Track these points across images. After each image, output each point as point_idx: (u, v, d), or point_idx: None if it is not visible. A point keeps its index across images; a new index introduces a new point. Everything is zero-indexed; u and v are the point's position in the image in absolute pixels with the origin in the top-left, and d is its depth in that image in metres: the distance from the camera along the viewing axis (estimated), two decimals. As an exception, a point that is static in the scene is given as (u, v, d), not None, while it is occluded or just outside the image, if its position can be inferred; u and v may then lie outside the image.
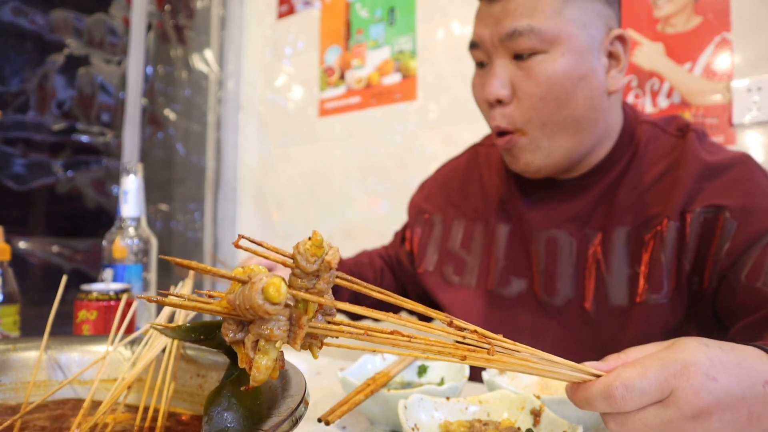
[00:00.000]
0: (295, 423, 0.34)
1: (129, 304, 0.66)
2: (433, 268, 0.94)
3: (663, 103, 1.34)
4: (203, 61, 2.23)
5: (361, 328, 0.33)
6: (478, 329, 0.37)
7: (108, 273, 0.95)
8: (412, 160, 1.75)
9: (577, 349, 0.75)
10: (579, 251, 0.80)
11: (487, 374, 0.64)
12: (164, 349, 0.53)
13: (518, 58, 0.74)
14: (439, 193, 1.00)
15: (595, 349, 0.69)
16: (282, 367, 0.33)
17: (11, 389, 0.53)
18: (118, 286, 0.76)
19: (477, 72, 0.81)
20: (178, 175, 2.18)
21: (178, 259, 0.30)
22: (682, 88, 1.31)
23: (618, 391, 0.38)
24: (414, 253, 0.99)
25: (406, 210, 1.06)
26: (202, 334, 0.39)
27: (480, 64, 0.80)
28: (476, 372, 0.69)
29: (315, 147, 2.00)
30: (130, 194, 0.98)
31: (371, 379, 0.60)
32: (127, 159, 1.86)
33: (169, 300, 0.30)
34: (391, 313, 0.34)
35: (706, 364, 0.40)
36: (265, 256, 0.31)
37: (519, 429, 0.52)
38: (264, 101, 2.18)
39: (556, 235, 0.82)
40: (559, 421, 0.50)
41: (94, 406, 0.50)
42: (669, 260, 0.72)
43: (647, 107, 1.36)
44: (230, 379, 0.38)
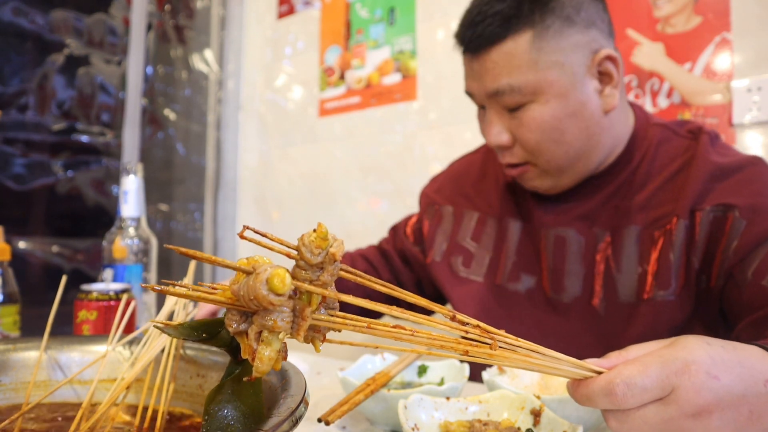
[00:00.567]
0: (295, 423, 0.34)
1: (129, 304, 0.66)
2: (440, 258, 0.95)
3: (663, 103, 1.34)
4: (203, 61, 2.23)
5: (363, 321, 0.33)
6: (481, 324, 0.36)
7: (108, 273, 0.95)
8: (412, 160, 1.75)
9: (584, 346, 0.76)
10: (588, 250, 0.81)
11: (487, 374, 0.64)
12: (164, 349, 0.53)
13: (509, 109, 0.77)
14: (452, 186, 1.01)
15: (601, 346, 0.69)
16: (285, 359, 0.32)
17: (11, 389, 0.53)
18: (118, 286, 0.76)
19: (479, 113, 0.85)
20: (178, 175, 2.18)
21: (183, 249, 0.30)
22: (682, 88, 1.31)
23: (619, 388, 0.38)
24: (424, 243, 0.99)
25: (407, 210, 1.06)
26: (204, 332, 0.39)
27: (480, 107, 0.84)
28: (476, 372, 0.69)
29: (315, 147, 2.00)
30: (130, 194, 0.98)
31: (371, 379, 0.60)
32: (127, 159, 1.86)
33: (173, 290, 0.30)
34: (394, 307, 0.34)
35: (707, 363, 0.40)
36: (270, 248, 0.31)
37: (519, 429, 0.51)
38: (264, 101, 2.18)
39: (565, 233, 0.83)
40: (559, 421, 0.50)
41: (94, 406, 0.50)
42: (678, 258, 0.73)
43: (647, 107, 1.36)
44: (231, 377, 0.38)
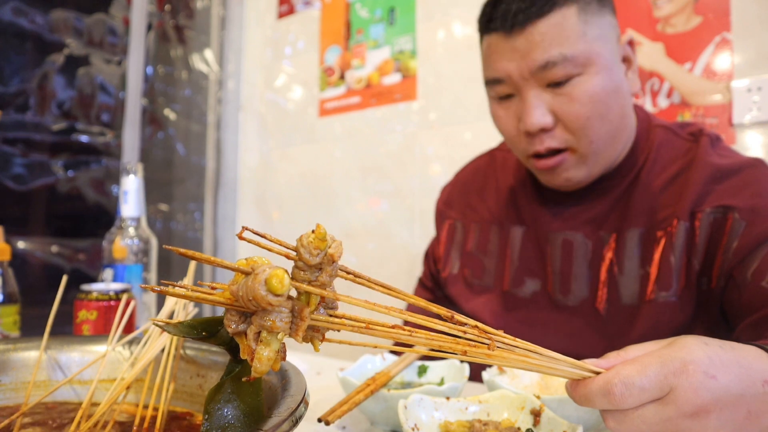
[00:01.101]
0: (295, 423, 0.34)
1: (129, 304, 0.66)
2: (456, 272, 0.96)
3: (663, 103, 1.34)
4: (203, 61, 2.23)
5: (362, 321, 0.33)
6: (479, 325, 0.37)
7: (108, 273, 0.95)
8: (412, 160, 1.75)
9: (587, 347, 0.76)
10: (594, 253, 0.81)
11: (487, 374, 0.64)
12: (164, 349, 0.53)
13: (553, 85, 0.74)
14: (460, 197, 1.01)
15: (604, 347, 0.69)
16: (284, 359, 0.32)
17: (11, 389, 0.53)
18: (118, 286, 0.76)
19: (500, 104, 0.80)
20: (178, 175, 2.18)
21: (182, 250, 0.30)
22: (682, 88, 1.31)
23: (617, 389, 0.38)
24: (440, 259, 1.00)
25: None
26: (204, 331, 0.39)
27: (503, 97, 0.80)
28: (476, 372, 0.69)
29: (315, 147, 1.99)
30: (130, 194, 0.98)
31: (371, 379, 0.60)
32: (127, 159, 1.86)
33: (172, 290, 0.30)
34: (392, 307, 0.34)
35: (705, 363, 0.40)
36: (269, 249, 0.31)
37: (519, 429, 0.51)
38: (264, 101, 2.18)
39: (572, 237, 0.83)
40: (559, 421, 0.50)
41: (94, 406, 0.50)
42: (678, 259, 0.74)
43: (647, 107, 1.36)
44: (231, 376, 0.38)
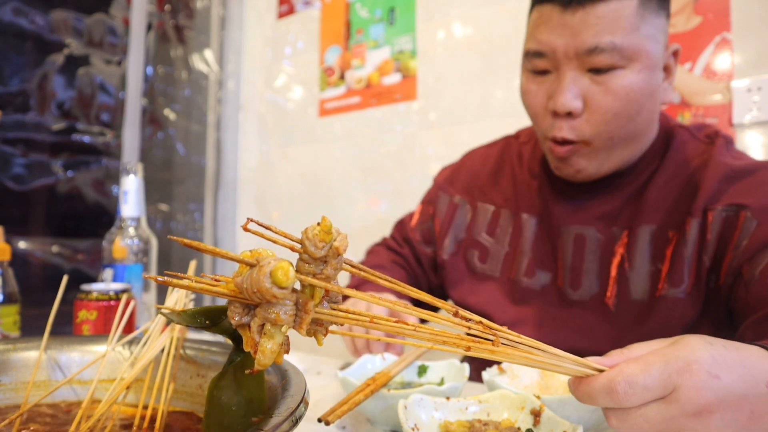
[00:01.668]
0: (295, 423, 0.34)
1: (128, 304, 0.66)
2: (454, 251, 0.94)
3: (663, 103, 1.34)
4: (203, 61, 2.23)
5: (366, 315, 0.33)
6: (484, 321, 0.36)
7: (108, 273, 0.95)
8: (412, 160, 1.75)
9: (595, 342, 0.76)
10: (605, 248, 0.81)
11: (487, 374, 0.64)
12: (163, 349, 0.53)
13: (593, 71, 0.72)
14: (466, 177, 1.00)
15: (612, 343, 0.69)
16: (287, 352, 0.32)
17: (11, 389, 0.53)
18: (118, 286, 0.76)
19: (533, 78, 0.78)
20: (178, 175, 2.18)
21: (186, 240, 0.29)
22: (682, 88, 1.31)
23: (620, 387, 0.38)
24: (435, 238, 0.98)
25: (406, 210, 1.05)
26: (208, 320, 0.39)
27: (539, 72, 0.77)
28: (476, 372, 0.69)
29: (315, 147, 1.99)
30: (130, 194, 0.98)
31: (371, 379, 0.60)
32: (127, 159, 1.86)
33: (176, 282, 0.30)
34: (397, 301, 0.34)
35: (709, 362, 0.40)
36: (274, 241, 0.31)
37: (519, 429, 0.51)
38: (264, 101, 2.18)
39: (585, 231, 0.83)
40: (559, 421, 0.50)
41: (94, 406, 0.50)
42: (690, 256, 0.74)
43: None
44: (233, 364, 0.38)
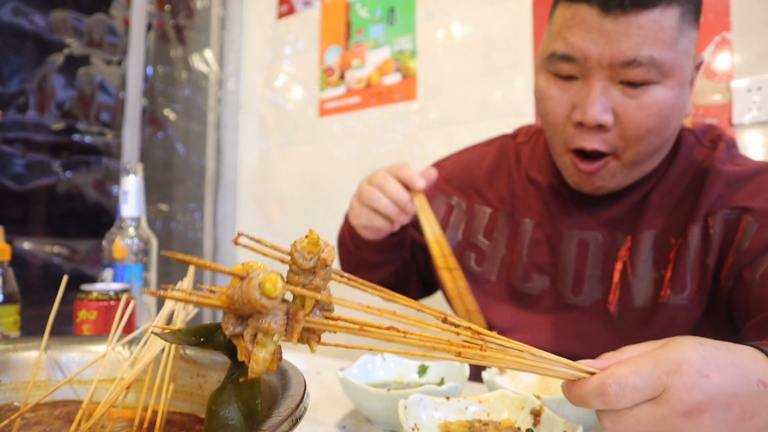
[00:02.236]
0: (295, 423, 0.34)
1: (128, 304, 0.66)
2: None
3: (663, 103, 1.34)
4: (203, 61, 2.23)
5: (356, 323, 0.34)
6: (472, 326, 0.37)
7: (108, 273, 0.95)
8: (412, 160, 1.75)
9: (597, 348, 0.76)
10: (608, 253, 0.80)
11: (487, 374, 0.64)
12: (164, 349, 0.53)
13: (626, 84, 0.68)
14: (462, 176, 0.97)
15: (613, 349, 0.69)
16: (279, 360, 0.33)
17: (11, 389, 0.53)
18: (118, 286, 0.76)
19: (555, 82, 0.73)
20: (178, 175, 2.18)
21: (179, 254, 0.31)
22: (682, 88, 1.31)
23: (611, 389, 0.39)
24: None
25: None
26: (202, 337, 0.40)
27: (563, 76, 0.72)
28: (476, 372, 0.69)
29: (315, 147, 2.00)
30: (130, 194, 0.98)
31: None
32: (127, 159, 1.86)
33: (171, 294, 0.31)
34: (385, 309, 0.35)
35: (699, 363, 0.40)
36: (264, 254, 0.32)
37: (519, 429, 0.51)
38: (264, 101, 2.18)
39: (589, 237, 0.81)
40: (559, 421, 0.50)
41: (94, 406, 0.50)
42: (692, 261, 0.73)
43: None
44: (232, 378, 0.39)
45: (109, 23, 1.88)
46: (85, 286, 0.76)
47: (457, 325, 0.37)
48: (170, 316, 0.57)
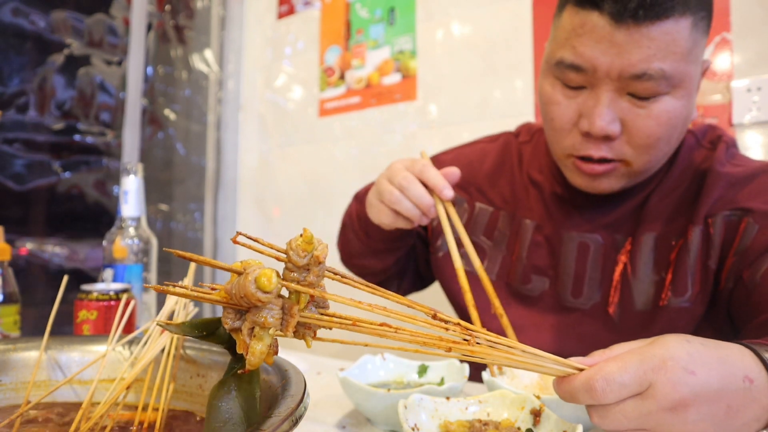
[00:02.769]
0: (295, 423, 0.34)
1: (129, 304, 0.66)
2: (448, 251, 0.92)
3: (663, 103, 1.34)
4: (203, 61, 2.23)
5: (349, 318, 0.35)
6: (462, 322, 0.38)
7: (108, 273, 0.95)
8: (412, 160, 1.75)
9: (597, 350, 0.76)
10: (608, 256, 0.80)
11: (487, 374, 0.64)
12: (163, 349, 0.53)
13: (635, 95, 0.67)
14: (464, 173, 0.93)
15: None
16: (276, 353, 0.35)
17: (11, 389, 0.53)
18: (118, 286, 0.76)
19: (561, 89, 0.72)
20: (178, 175, 2.18)
21: (180, 252, 0.32)
22: (682, 88, 1.31)
23: (598, 384, 0.39)
24: (429, 231, 0.96)
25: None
26: (204, 330, 0.41)
27: (571, 86, 0.71)
28: (476, 372, 0.69)
29: (315, 147, 2.00)
30: (130, 194, 0.98)
31: None
32: (127, 159, 1.86)
33: (173, 289, 0.33)
34: (375, 305, 0.36)
35: (684, 359, 0.40)
36: (261, 252, 0.34)
37: (519, 429, 0.52)
38: (264, 101, 2.18)
39: (589, 239, 0.81)
40: (559, 421, 0.50)
41: (94, 406, 0.50)
42: (693, 264, 0.73)
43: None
44: (232, 373, 0.39)
45: (110, 23, 1.88)
46: (86, 286, 0.76)
47: (446, 321, 0.38)
48: (170, 316, 0.57)
